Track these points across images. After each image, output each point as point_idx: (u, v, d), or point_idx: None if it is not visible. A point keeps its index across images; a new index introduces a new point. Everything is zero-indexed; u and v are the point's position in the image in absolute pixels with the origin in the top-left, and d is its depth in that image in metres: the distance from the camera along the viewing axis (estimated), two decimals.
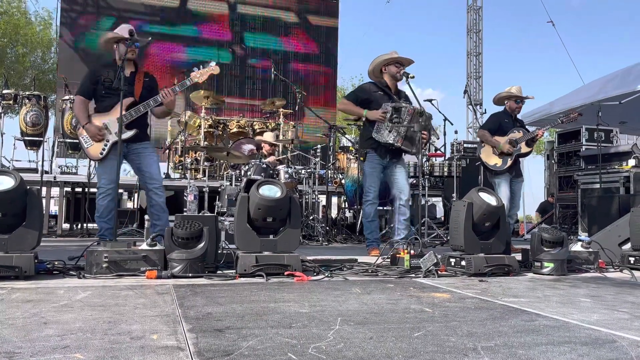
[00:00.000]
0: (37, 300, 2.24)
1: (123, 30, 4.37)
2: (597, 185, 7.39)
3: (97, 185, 4.42)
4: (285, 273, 3.10)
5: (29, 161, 7.27)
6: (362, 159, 5.01)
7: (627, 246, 4.16)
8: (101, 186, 4.35)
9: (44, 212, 6.81)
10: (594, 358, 1.53)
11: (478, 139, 5.95)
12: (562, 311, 2.24)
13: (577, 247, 3.90)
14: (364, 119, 5.02)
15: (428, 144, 5.18)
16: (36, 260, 2.94)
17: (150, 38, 4.67)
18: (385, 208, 6.95)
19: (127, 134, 4.30)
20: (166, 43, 11.53)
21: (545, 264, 3.56)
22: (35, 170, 7.01)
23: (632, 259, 3.96)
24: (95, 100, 4.42)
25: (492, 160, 5.68)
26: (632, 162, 7.20)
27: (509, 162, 5.58)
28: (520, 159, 5.92)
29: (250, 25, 12.30)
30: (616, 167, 7.37)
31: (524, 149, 5.61)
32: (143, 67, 4.80)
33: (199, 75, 4.50)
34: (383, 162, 4.91)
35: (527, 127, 6.17)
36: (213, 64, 4.57)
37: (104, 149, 4.29)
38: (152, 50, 11.34)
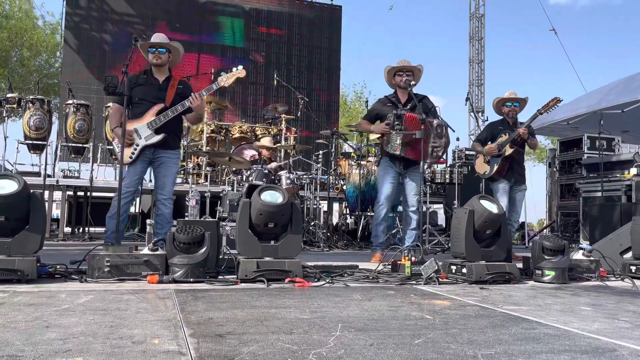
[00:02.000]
0: (39, 304, 2.25)
1: (156, 38, 4.54)
2: (599, 194, 7.39)
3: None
4: (286, 280, 3.10)
5: (32, 165, 7.31)
6: (377, 165, 5.18)
7: (629, 255, 4.16)
8: (121, 187, 4.42)
9: (47, 215, 6.82)
10: None
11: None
12: (563, 319, 2.24)
13: (578, 255, 3.89)
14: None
15: (444, 152, 5.12)
16: (38, 264, 2.96)
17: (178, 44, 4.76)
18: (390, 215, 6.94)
19: (155, 139, 4.43)
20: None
21: (547, 272, 3.56)
22: (38, 174, 7.04)
23: (633, 268, 3.95)
24: (132, 107, 4.52)
25: (481, 169, 5.79)
26: (634, 170, 7.19)
27: (495, 167, 5.59)
28: (525, 167, 5.93)
29: (255, 29, 12.35)
30: (618, 175, 7.37)
31: (508, 150, 5.57)
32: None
33: (225, 79, 4.58)
34: (396, 168, 5.01)
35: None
36: (240, 67, 4.65)
37: (133, 153, 4.43)
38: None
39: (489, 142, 5.72)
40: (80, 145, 7.40)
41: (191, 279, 2.98)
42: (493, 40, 40.39)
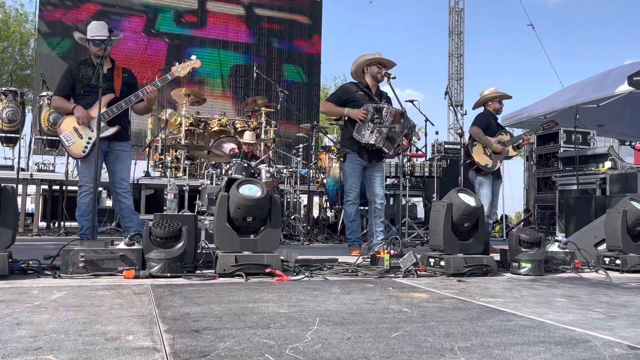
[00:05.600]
0: (9, 301, 2.19)
1: (90, 28, 4.34)
2: (575, 187, 7.52)
3: (79, 184, 4.40)
4: (266, 271, 3.07)
5: (5, 158, 7.14)
6: (342, 159, 5.01)
7: (603, 247, 4.24)
8: (83, 184, 4.32)
9: (20, 210, 6.68)
10: (568, 358, 1.55)
11: (467, 137, 5.91)
12: (538, 311, 2.27)
13: (554, 247, 3.95)
14: (345, 119, 5.01)
15: (407, 150, 5.19)
16: (10, 260, 2.88)
17: (120, 35, 4.61)
18: (366, 208, 6.97)
19: (110, 131, 4.28)
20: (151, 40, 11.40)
21: (523, 264, 3.61)
22: (11, 168, 6.88)
23: (607, 260, 4.03)
24: (74, 99, 4.37)
25: (483, 160, 5.69)
26: (608, 164, 7.33)
27: (498, 163, 5.65)
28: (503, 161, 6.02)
29: (239, 24, 12.23)
30: (593, 169, 7.50)
31: (511, 152, 5.70)
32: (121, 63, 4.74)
33: (180, 70, 4.49)
34: (363, 163, 4.94)
35: (507, 129, 6.26)
36: (194, 57, 4.57)
37: (86, 147, 4.26)
38: (134, 47, 11.21)
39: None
40: (55, 138, 7.25)
41: (168, 274, 2.94)
42: (472, 35, 40.74)
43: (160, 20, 11.62)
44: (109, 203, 10.46)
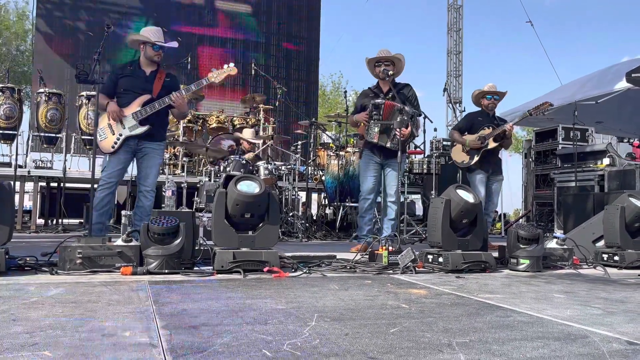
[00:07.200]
0: (6, 297, 2.18)
1: (150, 32, 4.44)
2: (573, 184, 7.51)
3: (100, 177, 4.48)
4: (265, 269, 3.08)
5: (3, 155, 7.11)
6: (359, 157, 5.18)
7: (601, 243, 4.25)
8: (102, 178, 4.40)
9: (18, 207, 6.67)
10: (566, 353, 1.55)
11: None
12: (537, 307, 2.27)
13: (552, 244, 3.95)
14: (359, 125, 5.15)
15: (410, 139, 5.22)
16: (7, 256, 2.87)
17: (176, 44, 4.66)
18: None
19: (139, 130, 4.36)
20: None
21: (521, 260, 3.60)
22: (8, 165, 6.86)
23: (605, 256, 4.03)
24: (117, 98, 4.47)
25: (459, 157, 5.77)
26: (606, 160, 7.32)
27: (476, 158, 5.63)
28: (501, 158, 5.97)
29: (234, 20, 12.21)
30: (591, 165, 7.50)
31: (492, 144, 5.62)
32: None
33: (215, 75, 4.53)
34: (377, 159, 5.02)
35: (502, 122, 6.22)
36: (232, 64, 4.62)
37: (115, 143, 4.34)
38: None
39: (466, 132, 5.75)
40: (53, 135, 7.23)
41: (166, 270, 2.94)
42: (471, 32, 40.72)
43: (168, 18, 11.59)
44: None
